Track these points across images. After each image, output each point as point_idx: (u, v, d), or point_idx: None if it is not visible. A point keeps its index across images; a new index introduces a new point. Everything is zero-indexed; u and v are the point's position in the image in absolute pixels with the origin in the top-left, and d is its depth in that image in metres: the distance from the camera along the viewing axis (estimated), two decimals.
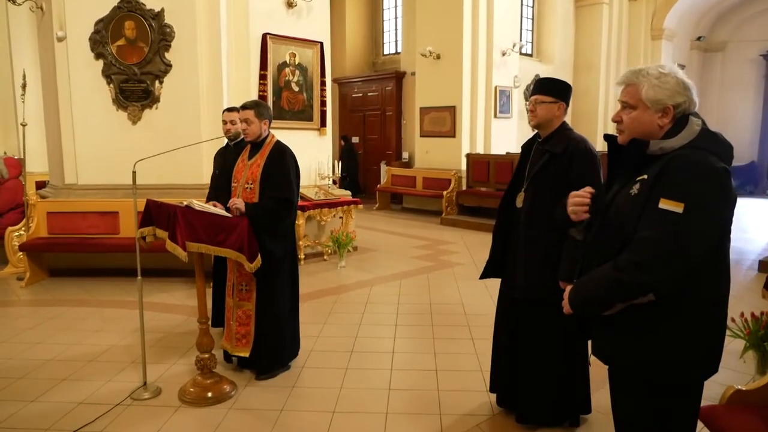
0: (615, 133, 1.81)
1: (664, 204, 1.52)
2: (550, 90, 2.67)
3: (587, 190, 1.91)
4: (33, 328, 4.38)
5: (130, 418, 2.96)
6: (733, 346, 3.58)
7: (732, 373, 3.37)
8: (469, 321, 4.54)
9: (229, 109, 4.22)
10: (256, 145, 3.47)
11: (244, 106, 3.45)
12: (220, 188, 3.95)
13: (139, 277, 3.25)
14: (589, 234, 1.84)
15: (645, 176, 1.62)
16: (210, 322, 3.88)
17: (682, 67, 1.78)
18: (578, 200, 1.91)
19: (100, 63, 5.98)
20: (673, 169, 1.55)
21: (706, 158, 1.56)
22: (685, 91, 1.67)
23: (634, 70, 1.72)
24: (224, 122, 4.17)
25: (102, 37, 5.91)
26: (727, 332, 1.80)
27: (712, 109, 14.75)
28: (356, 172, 13.07)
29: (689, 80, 1.69)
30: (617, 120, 1.76)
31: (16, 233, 5.98)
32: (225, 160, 4.17)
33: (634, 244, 1.57)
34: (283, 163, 3.38)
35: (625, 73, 1.75)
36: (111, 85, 6.01)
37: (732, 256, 1.72)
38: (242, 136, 4.11)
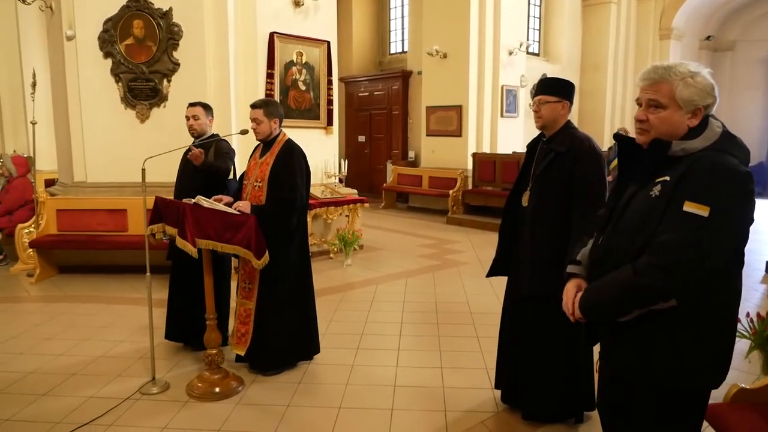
0: (622, 132, 1.76)
1: (689, 207, 1.46)
2: (554, 89, 2.68)
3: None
4: (43, 323, 4.43)
5: (139, 412, 3.00)
6: (738, 346, 3.56)
7: (737, 372, 3.36)
8: (475, 319, 4.56)
9: (192, 104, 3.88)
10: (267, 143, 3.49)
11: (254, 105, 3.44)
12: (183, 190, 3.65)
13: (148, 274, 3.29)
14: (602, 235, 1.76)
15: (667, 177, 1.54)
16: (167, 335, 3.86)
17: None
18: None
19: (109, 62, 6.03)
20: (699, 171, 1.49)
21: (730, 161, 1.51)
22: (713, 91, 1.60)
23: (663, 65, 1.60)
24: (187, 118, 3.84)
25: (111, 36, 5.96)
26: None
27: (721, 110, 14.16)
28: None
29: (713, 80, 1.62)
30: (642, 119, 1.63)
31: (26, 230, 6.04)
32: (187, 162, 3.78)
33: (656, 247, 1.49)
34: (290, 162, 3.37)
35: (653, 68, 1.62)
36: (119, 84, 6.07)
37: None
38: (208, 134, 3.87)
